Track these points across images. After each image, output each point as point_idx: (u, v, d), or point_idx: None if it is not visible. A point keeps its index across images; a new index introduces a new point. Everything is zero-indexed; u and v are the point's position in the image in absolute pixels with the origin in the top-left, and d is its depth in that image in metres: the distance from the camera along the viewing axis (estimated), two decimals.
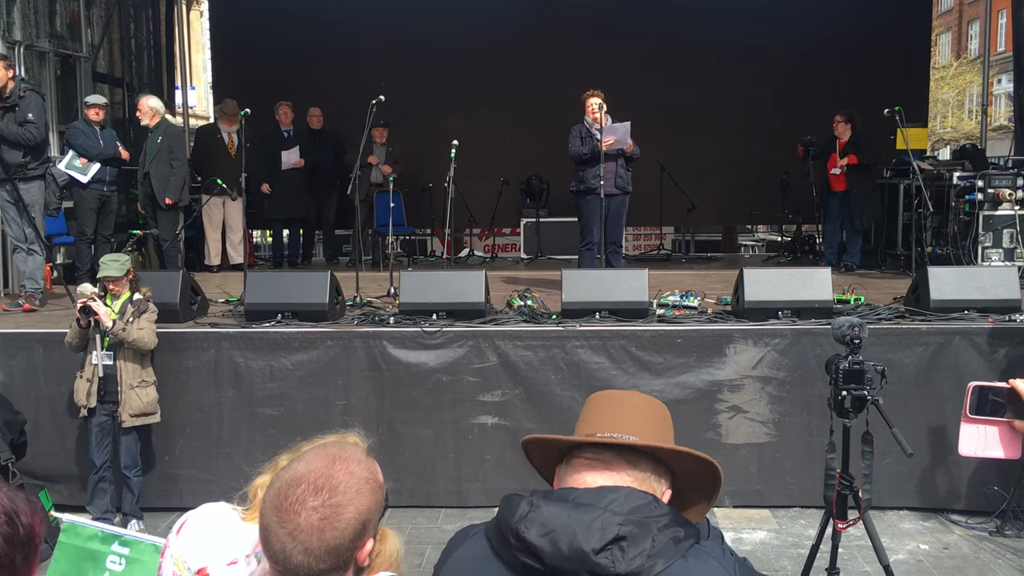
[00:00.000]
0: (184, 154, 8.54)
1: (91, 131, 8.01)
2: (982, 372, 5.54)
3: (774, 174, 11.02)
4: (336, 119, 10.81)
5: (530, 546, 1.41)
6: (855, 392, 3.72)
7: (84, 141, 7.92)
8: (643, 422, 1.65)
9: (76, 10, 10.17)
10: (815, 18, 11.89)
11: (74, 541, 3.66)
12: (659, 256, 11.93)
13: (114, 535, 3.64)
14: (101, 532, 3.66)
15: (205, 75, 23.76)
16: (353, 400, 5.87)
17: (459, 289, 6.17)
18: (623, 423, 1.63)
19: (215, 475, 5.84)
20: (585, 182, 7.54)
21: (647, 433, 1.62)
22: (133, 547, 3.60)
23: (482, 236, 12.62)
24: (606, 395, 1.77)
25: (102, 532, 3.66)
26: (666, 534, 1.42)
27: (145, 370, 5.46)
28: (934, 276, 6.11)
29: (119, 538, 3.62)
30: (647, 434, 1.61)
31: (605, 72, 9.95)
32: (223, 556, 1.70)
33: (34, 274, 7.12)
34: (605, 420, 1.65)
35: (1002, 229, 8.24)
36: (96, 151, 7.91)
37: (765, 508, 5.81)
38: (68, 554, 3.71)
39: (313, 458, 1.48)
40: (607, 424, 1.63)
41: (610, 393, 1.79)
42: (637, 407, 1.70)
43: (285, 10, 12.32)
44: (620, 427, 1.61)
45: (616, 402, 1.73)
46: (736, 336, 5.80)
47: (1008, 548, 5.19)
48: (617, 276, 6.41)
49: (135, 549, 3.60)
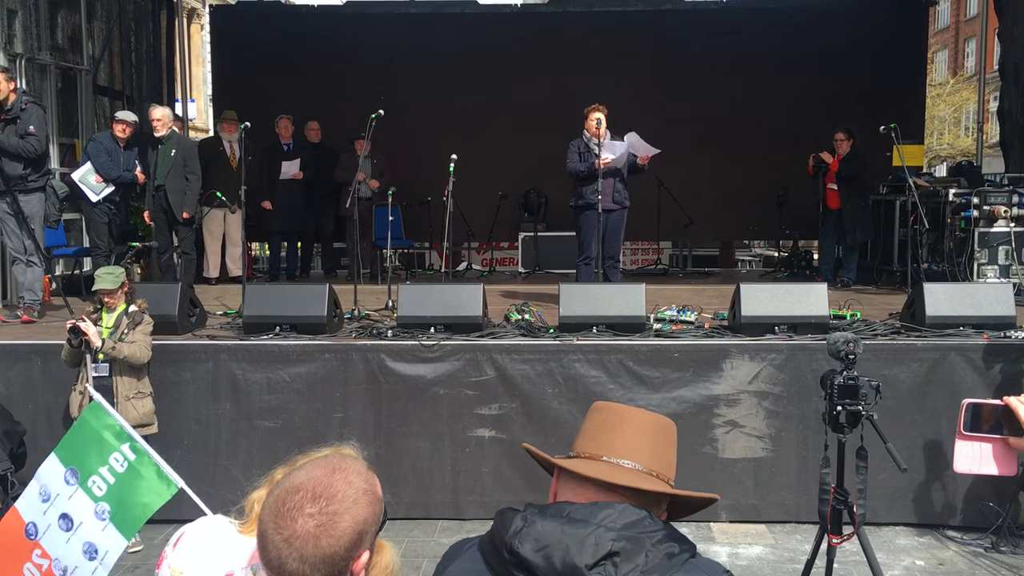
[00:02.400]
0: (198, 167, 8.53)
1: (116, 149, 7.95)
2: (977, 388, 5.56)
3: (771, 190, 11.05)
4: (335, 133, 10.85)
5: (524, 562, 1.42)
6: (850, 407, 3.74)
7: (106, 161, 7.88)
8: (651, 449, 1.61)
9: (77, 23, 10.22)
10: (813, 36, 11.95)
11: (93, 422, 3.64)
12: (656, 271, 11.95)
13: (129, 436, 3.61)
14: (119, 427, 3.64)
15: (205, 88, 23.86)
16: (351, 413, 5.88)
17: (457, 303, 6.19)
18: (629, 448, 1.59)
19: (212, 487, 5.82)
20: (584, 197, 7.57)
21: (654, 460, 1.59)
22: (140, 456, 3.58)
23: (480, 250, 12.64)
24: (613, 411, 1.69)
25: (120, 427, 3.64)
26: (660, 549, 1.43)
27: (141, 382, 5.47)
28: (930, 292, 6.14)
29: (133, 442, 3.59)
30: (654, 461, 1.59)
31: (603, 87, 9.99)
32: (220, 568, 1.71)
33: (33, 286, 7.13)
34: (612, 443, 1.60)
35: (997, 246, 8.28)
36: (116, 174, 7.90)
37: (761, 523, 5.81)
38: (81, 431, 3.68)
39: (313, 467, 1.50)
40: (614, 447, 1.60)
41: (618, 410, 1.70)
42: (645, 429, 1.64)
43: (285, 23, 12.37)
44: (626, 452, 1.59)
45: (623, 422, 1.66)
46: (733, 351, 5.82)
47: (1003, 564, 5.19)
48: (614, 291, 6.44)
49: (140, 459, 3.58)
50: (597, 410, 1.70)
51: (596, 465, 1.58)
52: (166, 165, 8.39)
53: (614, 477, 1.54)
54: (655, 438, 1.64)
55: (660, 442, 1.64)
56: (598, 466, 1.58)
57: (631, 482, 1.54)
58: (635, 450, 1.59)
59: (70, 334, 5.24)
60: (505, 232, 12.13)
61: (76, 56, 10.22)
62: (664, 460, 1.62)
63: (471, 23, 12.26)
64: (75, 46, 10.25)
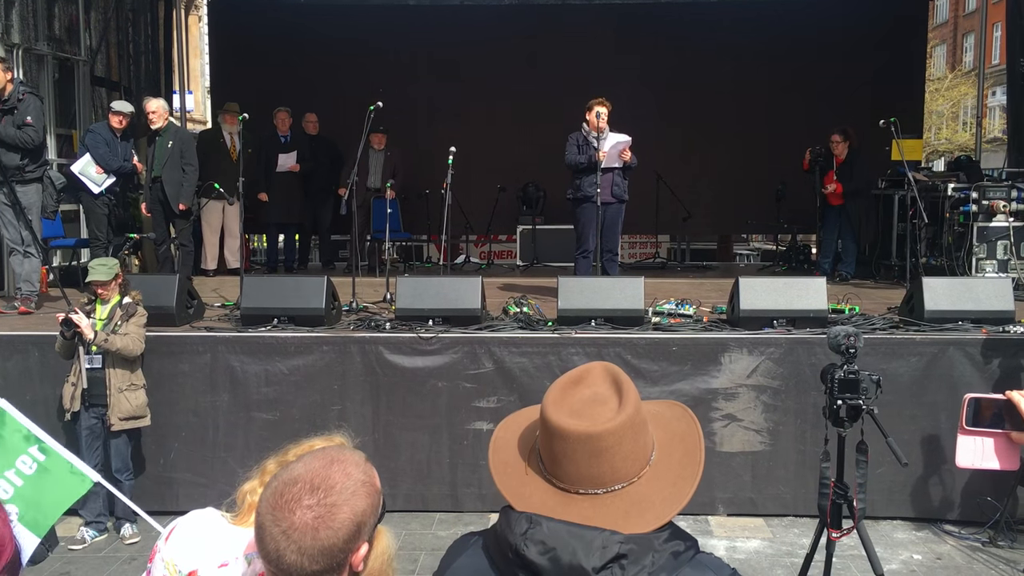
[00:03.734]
0: (195, 159, 8.52)
1: (113, 140, 7.93)
2: (976, 382, 5.56)
3: (769, 184, 11.06)
4: (333, 125, 10.83)
5: (530, 564, 1.40)
6: (850, 401, 3.73)
7: (105, 152, 7.86)
8: (611, 463, 1.43)
9: (75, 14, 10.17)
10: (812, 29, 11.95)
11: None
12: (655, 264, 11.94)
13: (37, 439, 3.63)
14: (27, 431, 3.67)
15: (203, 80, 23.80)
16: (349, 405, 5.88)
17: (455, 295, 6.18)
18: (591, 475, 1.44)
19: (210, 479, 5.83)
20: (582, 190, 7.55)
21: (617, 471, 1.44)
22: (49, 456, 3.60)
23: (478, 243, 12.64)
24: (557, 436, 1.43)
25: (27, 431, 3.67)
26: (667, 548, 1.42)
27: (135, 374, 5.46)
28: (928, 287, 6.13)
29: (41, 443, 3.62)
30: (618, 472, 1.44)
31: (603, 80, 9.98)
32: (214, 558, 1.71)
33: (30, 276, 7.12)
34: (599, 473, 1.43)
35: (996, 240, 8.28)
36: (116, 164, 7.88)
37: (759, 517, 5.82)
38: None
39: (311, 459, 1.49)
40: (604, 477, 1.43)
41: (561, 433, 1.43)
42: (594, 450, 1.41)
43: (283, 15, 12.33)
44: (591, 480, 1.44)
45: (567, 445, 1.43)
46: (731, 345, 5.82)
47: (1001, 559, 5.20)
48: (613, 284, 6.42)
49: (51, 459, 3.60)
50: (544, 430, 1.48)
51: (575, 503, 1.44)
52: (163, 157, 8.36)
53: (596, 523, 1.41)
54: (611, 445, 1.44)
55: (621, 445, 1.45)
56: (579, 504, 1.44)
57: (615, 525, 1.41)
58: (596, 474, 1.43)
59: (63, 326, 5.23)
60: (503, 225, 12.12)
61: (73, 47, 10.17)
62: (622, 461, 1.45)
63: (470, 15, 12.23)
64: (72, 37, 10.21)
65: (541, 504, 1.44)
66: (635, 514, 1.43)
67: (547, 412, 1.46)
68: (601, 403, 1.47)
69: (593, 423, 1.43)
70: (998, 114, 25.12)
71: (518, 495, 1.47)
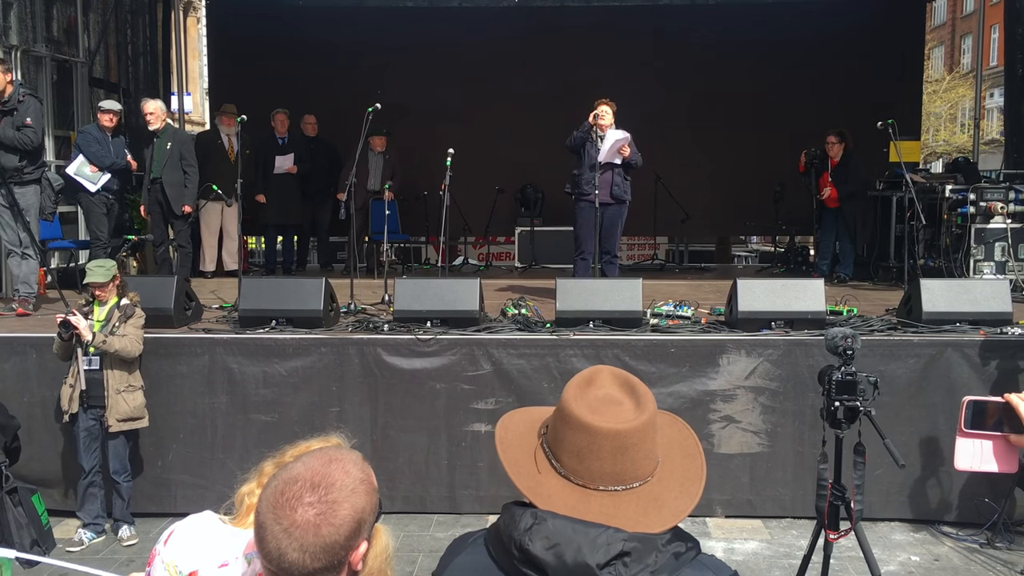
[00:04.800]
0: (195, 160, 8.52)
1: (104, 138, 7.93)
2: (974, 384, 5.57)
3: (767, 185, 11.06)
4: (331, 127, 10.83)
5: (534, 559, 1.41)
6: (848, 403, 3.73)
7: (97, 150, 7.86)
8: (627, 462, 1.47)
9: (73, 15, 10.17)
10: (809, 31, 11.97)
11: None
12: (653, 266, 11.95)
13: None
14: None
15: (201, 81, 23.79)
16: (347, 406, 5.88)
17: (453, 297, 6.18)
18: (615, 473, 1.47)
19: (208, 481, 5.83)
20: (579, 186, 7.55)
21: (628, 471, 1.46)
22: None
23: (477, 244, 12.64)
24: (583, 431, 1.47)
25: None
26: (669, 549, 1.43)
27: (132, 375, 5.46)
28: (926, 288, 6.14)
29: None
30: (629, 472, 1.47)
31: (601, 82, 9.97)
32: (214, 559, 1.71)
33: (28, 278, 7.12)
34: (622, 470, 1.47)
35: (994, 242, 8.29)
36: (109, 161, 7.88)
37: (757, 518, 5.82)
38: None
39: (310, 459, 1.50)
40: (626, 474, 1.46)
41: (588, 428, 1.47)
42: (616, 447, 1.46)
43: (281, 17, 12.35)
44: (614, 477, 1.47)
45: (593, 441, 1.47)
46: (729, 346, 5.82)
47: (998, 560, 5.20)
48: (611, 285, 6.42)
49: None
50: (568, 427, 1.52)
51: (595, 500, 1.46)
52: (162, 158, 8.36)
53: (616, 520, 1.43)
54: (629, 444, 1.48)
55: (637, 447, 1.48)
56: (599, 500, 1.46)
57: (634, 522, 1.43)
58: (619, 471, 1.46)
59: (61, 328, 5.23)
60: (502, 227, 12.13)
61: (72, 48, 10.17)
62: (643, 459, 1.48)
63: (469, 17, 12.24)
64: (71, 38, 10.20)
65: (562, 502, 1.46)
66: (653, 511, 1.47)
67: (572, 408, 1.51)
68: (616, 403, 1.51)
69: (619, 420, 1.47)
70: (996, 116, 25.14)
71: (537, 494, 1.49)
